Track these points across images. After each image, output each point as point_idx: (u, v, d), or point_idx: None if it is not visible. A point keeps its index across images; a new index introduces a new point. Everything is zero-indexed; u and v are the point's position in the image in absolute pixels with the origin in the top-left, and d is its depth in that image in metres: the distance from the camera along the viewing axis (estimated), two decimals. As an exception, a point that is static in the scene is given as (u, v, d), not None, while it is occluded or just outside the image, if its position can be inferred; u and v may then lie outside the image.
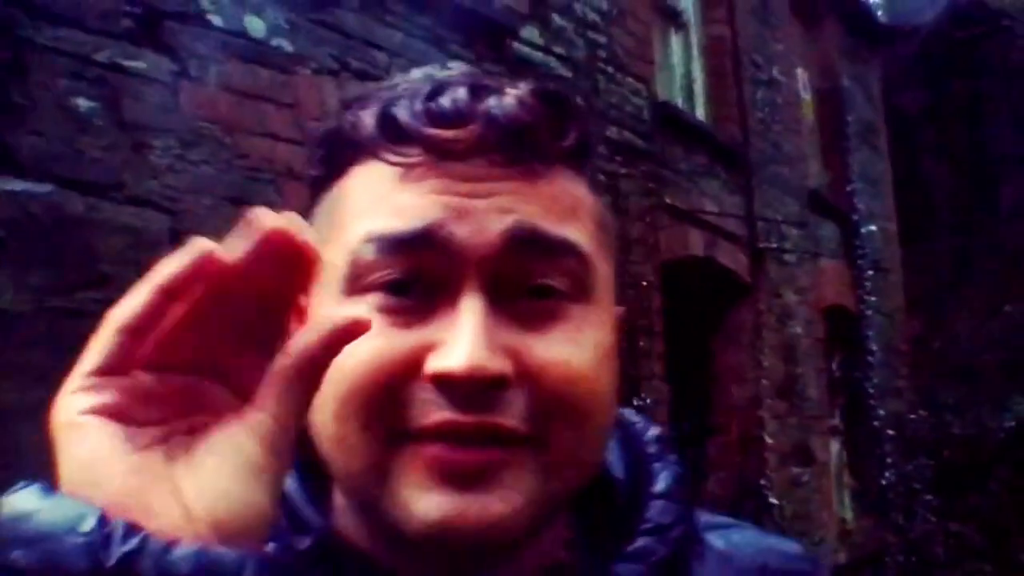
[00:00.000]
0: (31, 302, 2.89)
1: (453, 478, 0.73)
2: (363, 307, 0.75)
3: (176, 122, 3.39)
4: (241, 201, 3.56)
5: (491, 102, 0.78)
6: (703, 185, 7.38)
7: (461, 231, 0.76)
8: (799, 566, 0.97)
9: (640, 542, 0.85)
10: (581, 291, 0.80)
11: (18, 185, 2.91)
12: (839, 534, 9.45)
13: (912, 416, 11.56)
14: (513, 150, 0.78)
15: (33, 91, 2.99)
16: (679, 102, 7.62)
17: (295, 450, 0.69)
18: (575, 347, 0.78)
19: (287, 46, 3.87)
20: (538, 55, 5.46)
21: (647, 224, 6.35)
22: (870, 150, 11.93)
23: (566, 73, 5.67)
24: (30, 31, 3.00)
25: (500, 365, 0.72)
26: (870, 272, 10.91)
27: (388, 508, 0.75)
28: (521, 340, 0.76)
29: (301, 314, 0.78)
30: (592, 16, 6.04)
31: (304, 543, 0.84)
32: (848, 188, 10.83)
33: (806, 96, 10.48)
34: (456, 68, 0.87)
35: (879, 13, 15.23)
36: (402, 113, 0.79)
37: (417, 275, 0.77)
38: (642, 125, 6.47)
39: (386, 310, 0.76)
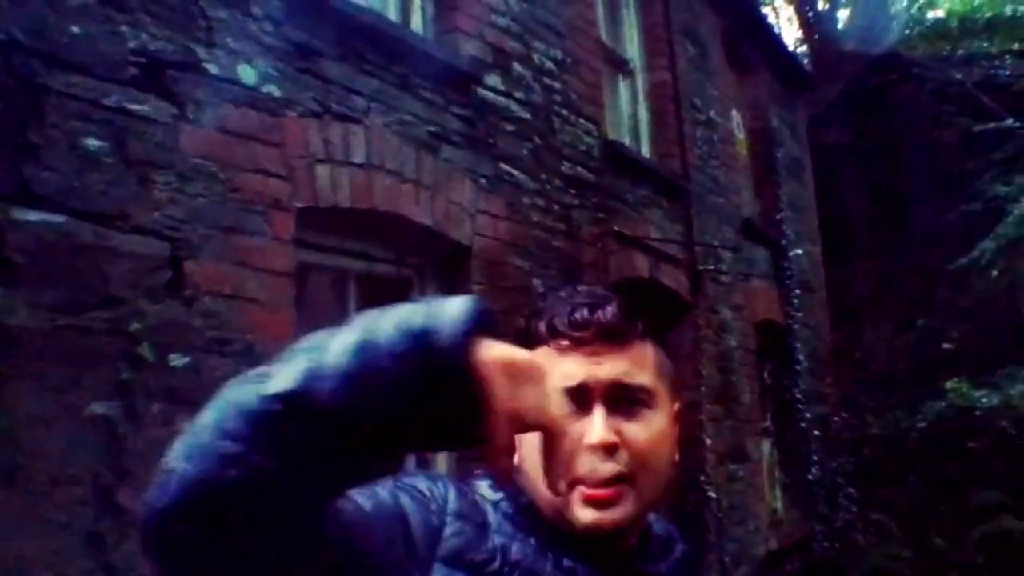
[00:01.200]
0: (46, 320, 2.89)
1: (597, 503, 1.35)
2: None
3: (176, 159, 3.40)
4: (234, 230, 3.58)
5: (599, 314, 1.41)
6: (648, 214, 7.42)
7: (591, 381, 1.37)
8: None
9: (667, 562, 1.53)
10: (649, 404, 1.41)
11: (35, 216, 2.91)
12: (771, 523, 9.50)
13: (835, 418, 11.64)
14: (611, 338, 1.40)
15: (48, 132, 3.00)
16: (626, 141, 7.66)
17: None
18: (647, 431, 1.39)
19: (276, 92, 3.88)
20: (500, 100, 5.49)
21: (598, 249, 6.38)
22: (797, 183, 12.03)
23: (525, 115, 5.70)
24: (46, 78, 3.01)
25: (613, 437, 1.35)
26: (797, 291, 10.99)
27: (567, 514, 1.36)
28: (623, 425, 1.37)
29: None
30: (548, 65, 6.08)
31: (524, 500, 1.43)
32: (777, 216, 10.92)
33: (740, 135, 10.55)
34: (585, 292, 1.51)
35: (804, 62, 15.37)
36: (558, 324, 1.42)
37: (576, 399, 1.36)
38: (593, 161, 6.51)
39: None
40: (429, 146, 4.81)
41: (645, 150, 8.04)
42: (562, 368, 1.35)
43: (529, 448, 1.31)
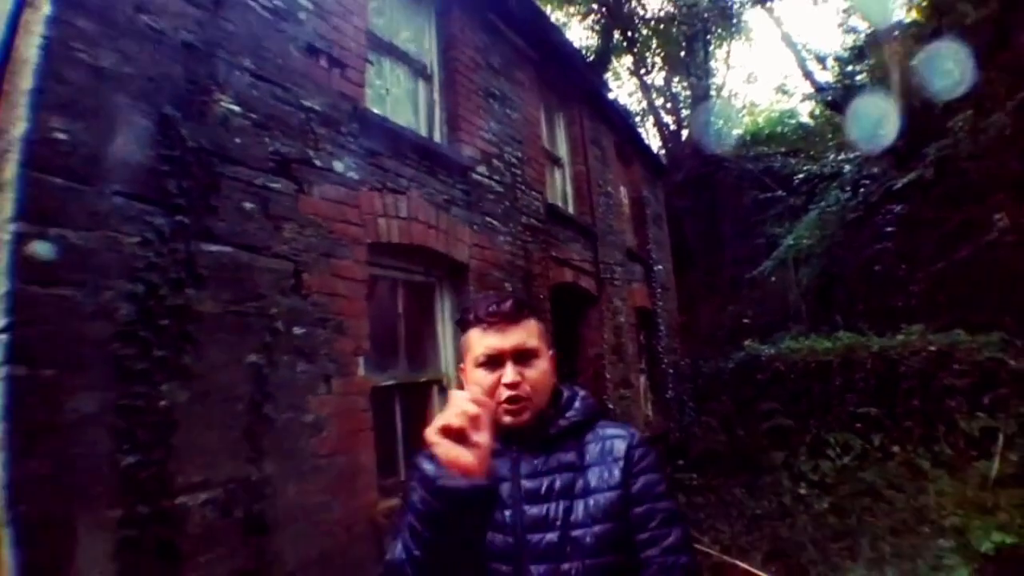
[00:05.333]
0: (220, 307, 2.90)
1: (512, 413, 1.46)
2: (482, 370, 1.48)
3: (296, 216, 3.42)
4: (331, 256, 3.60)
5: (503, 307, 1.50)
6: (572, 246, 7.45)
7: (504, 347, 1.47)
8: (629, 431, 1.53)
9: (570, 413, 1.54)
10: (537, 356, 1.51)
11: (214, 247, 2.93)
12: (645, 424, 9.53)
13: (682, 363, 11.72)
14: (511, 321, 1.49)
15: (222, 199, 3.02)
16: (559, 204, 7.66)
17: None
18: (536, 373, 1.49)
19: (355, 176, 3.90)
20: (486, 181, 5.52)
21: (543, 266, 6.41)
22: (658, 228, 12.07)
23: (500, 190, 5.73)
24: (221, 168, 3.03)
25: (517, 378, 1.46)
26: (659, 290, 11.04)
27: (500, 419, 1.45)
28: (522, 370, 1.47)
29: (464, 376, 1.55)
30: (513, 160, 6.10)
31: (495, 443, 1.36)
32: (647, 247, 10.96)
33: (625, 201, 10.59)
34: (495, 296, 1.55)
35: (663, 159, 15.45)
36: (481, 314, 1.50)
37: (493, 359, 1.48)
38: (540, 216, 6.53)
39: (486, 368, 1.48)
40: (444, 207, 4.83)
41: (571, 209, 8.06)
42: (486, 341, 1.48)
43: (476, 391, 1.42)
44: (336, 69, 3.87)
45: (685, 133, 19.48)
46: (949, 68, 9.86)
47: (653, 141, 20.39)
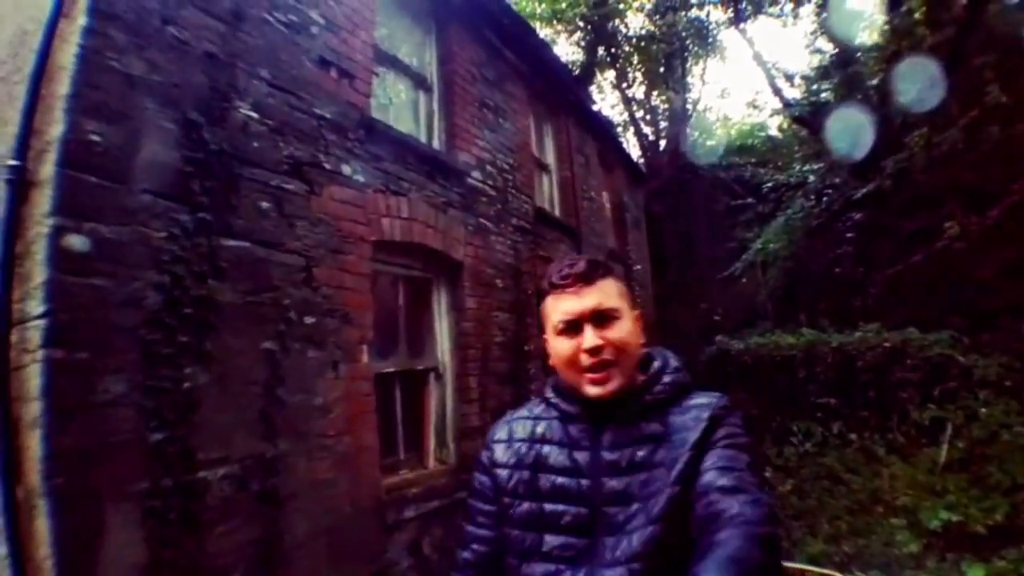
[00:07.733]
0: (239, 297, 2.94)
1: (596, 383, 1.26)
2: (562, 338, 1.29)
3: (308, 214, 3.45)
4: (339, 252, 3.63)
5: (576, 268, 1.30)
6: (558, 247, 7.48)
7: (580, 310, 1.27)
8: (721, 402, 1.29)
9: (659, 387, 1.30)
10: (618, 317, 1.28)
11: (233, 243, 2.96)
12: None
13: (658, 356, 11.73)
14: (586, 282, 1.29)
15: (241, 199, 3.04)
16: (547, 207, 7.70)
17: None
18: (619, 333, 1.27)
19: (361, 178, 3.94)
20: (480, 185, 5.56)
21: (531, 264, 6.44)
22: (637, 231, 12.15)
23: (493, 193, 5.77)
24: (240, 170, 3.06)
25: (599, 342, 1.25)
26: (637, 288, 11.10)
27: (581, 391, 1.28)
28: (603, 333, 1.26)
29: (545, 344, 1.36)
30: (505, 167, 6.15)
31: (564, 385, 1.34)
32: (627, 248, 11.01)
33: (607, 205, 10.64)
34: (569, 259, 1.35)
35: (642, 167, 15.52)
36: (554, 279, 1.32)
37: (571, 324, 1.28)
38: (528, 218, 6.57)
39: (565, 335, 1.28)
40: (442, 208, 4.87)
41: (557, 212, 8.09)
42: (562, 307, 1.29)
43: (557, 361, 1.31)
44: (345, 80, 3.91)
45: (662, 143, 19.58)
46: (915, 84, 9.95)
47: (633, 150, 20.51)
